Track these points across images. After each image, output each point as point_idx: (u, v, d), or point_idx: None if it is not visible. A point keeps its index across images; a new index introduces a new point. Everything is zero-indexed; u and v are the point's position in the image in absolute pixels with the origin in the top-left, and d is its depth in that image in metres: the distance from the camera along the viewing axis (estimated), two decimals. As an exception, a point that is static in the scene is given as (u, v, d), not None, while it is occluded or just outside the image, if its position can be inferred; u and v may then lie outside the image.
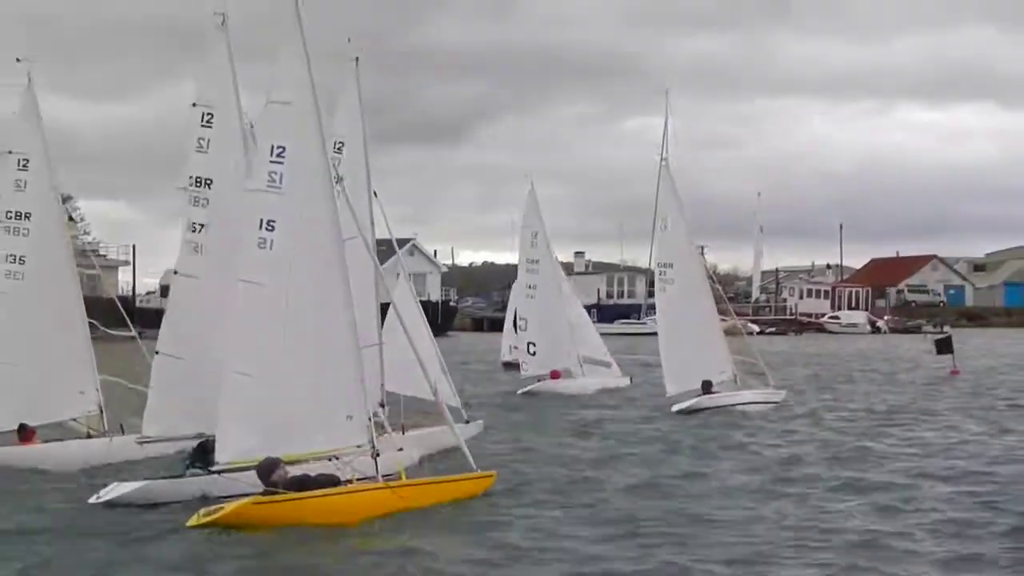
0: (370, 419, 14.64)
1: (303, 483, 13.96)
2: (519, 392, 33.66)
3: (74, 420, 19.80)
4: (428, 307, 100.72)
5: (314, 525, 13.24)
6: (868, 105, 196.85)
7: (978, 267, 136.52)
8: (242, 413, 14.30)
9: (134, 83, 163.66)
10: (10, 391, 19.43)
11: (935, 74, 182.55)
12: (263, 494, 13.64)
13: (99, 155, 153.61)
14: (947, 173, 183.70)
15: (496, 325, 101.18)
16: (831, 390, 35.77)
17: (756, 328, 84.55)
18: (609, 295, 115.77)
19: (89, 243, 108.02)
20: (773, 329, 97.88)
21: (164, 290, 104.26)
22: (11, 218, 20.22)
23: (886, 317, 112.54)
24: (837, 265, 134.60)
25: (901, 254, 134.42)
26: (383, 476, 14.44)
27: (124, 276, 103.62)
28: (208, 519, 13.34)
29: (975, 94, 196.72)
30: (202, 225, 17.81)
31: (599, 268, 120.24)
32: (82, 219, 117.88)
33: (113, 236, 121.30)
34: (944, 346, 43.32)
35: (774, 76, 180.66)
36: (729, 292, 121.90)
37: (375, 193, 20.08)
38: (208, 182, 17.78)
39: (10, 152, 20.43)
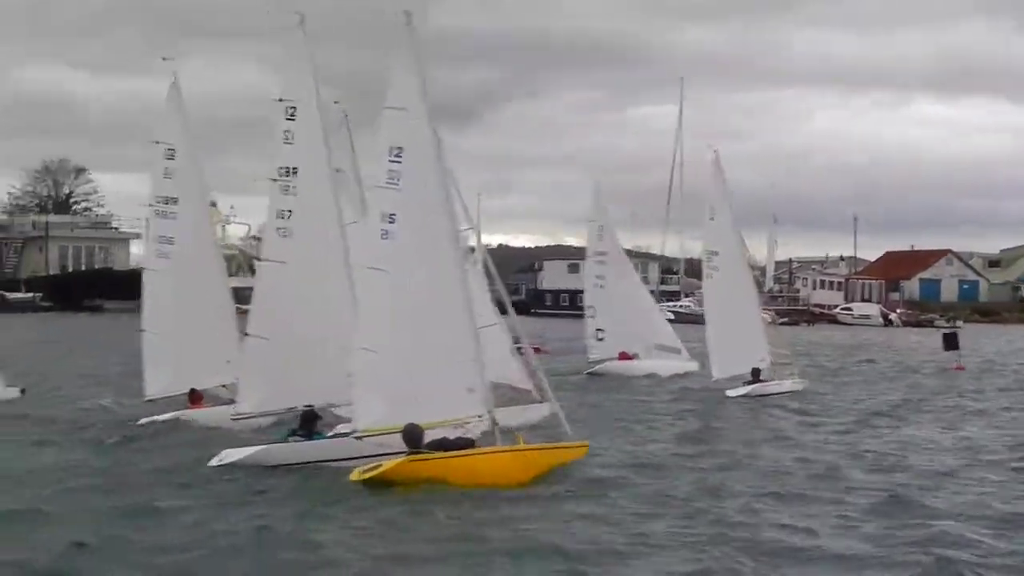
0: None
1: (443, 446, 16.06)
2: (585, 372, 36.05)
3: (223, 387, 21.78)
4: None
5: (453, 483, 15.35)
6: (881, 97, 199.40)
7: (992, 263, 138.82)
8: (372, 386, 16.49)
9: (140, 57, 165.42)
10: (164, 360, 22.17)
11: (948, 67, 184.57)
12: (408, 455, 15.73)
13: (110, 127, 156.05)
14: (961, 167, 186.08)
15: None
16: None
17: (768, 318, 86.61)
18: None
19: (101, 216, 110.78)
20: (785, 319, 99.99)
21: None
22: (161, 203, 22.80)
23: (899, 310, 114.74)
24: (851, 257, 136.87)
25: (915, 248, 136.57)
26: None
27: (137, 249, 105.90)
28: (368, 475, 15.43)
29: (988, 88, 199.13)
30: (290, 211, 19.57)
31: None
32: (96, 191, 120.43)
33: (126, 209, 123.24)
34: (950, 342, 44.12)
35: (785, 67, 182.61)
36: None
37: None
38: (294, 171, 19.60)
39: (157, 143, 23.04)
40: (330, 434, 18.08)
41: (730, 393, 30.16)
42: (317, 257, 19.27)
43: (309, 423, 18.08)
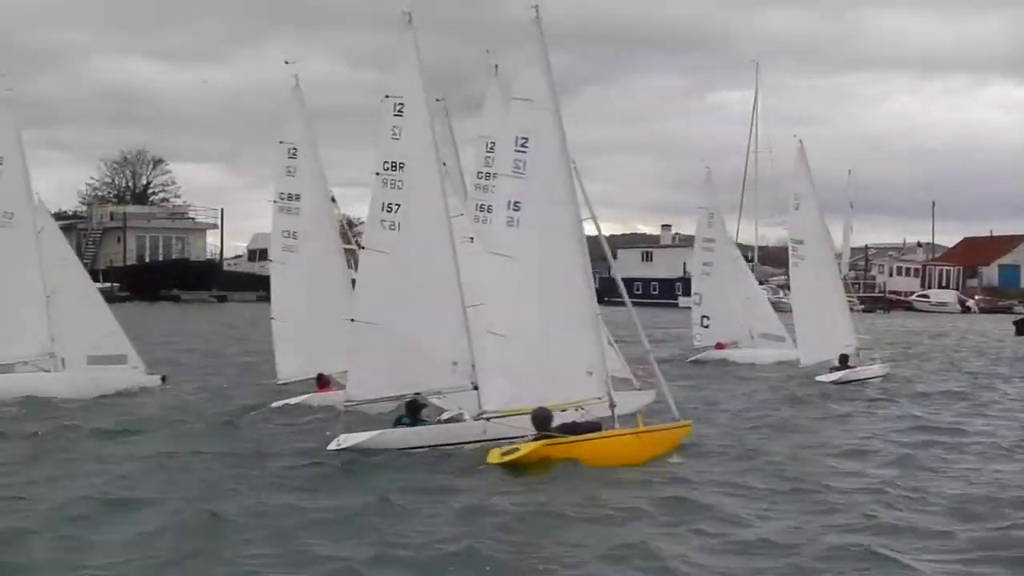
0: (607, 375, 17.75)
1: (573, 429, 16.99)
2: (689, 360, 36.99)
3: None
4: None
5: (584, 464, 16.26)
6: (958, 81, 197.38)
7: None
8: (500, 369, 17.44)
9: (221, 47, 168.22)
10: (293, 347, 23.66)
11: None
12: (537, 438, 16.66)
13: (189, 119, 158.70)
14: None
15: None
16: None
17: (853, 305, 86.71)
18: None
19: (178, 206, 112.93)
20: (862, 307, 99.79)
21: (252, 254, 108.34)
22: (284, 199, 24.26)
23: (976, 297, 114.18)
24: (928, 243, 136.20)
25: (995, 233, 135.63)
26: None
27: (212, 239, 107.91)
28: (508, 458, 16.34)
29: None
30: (398, 205, 19.83)
31: (686, 241, 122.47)
32: (173, 182, 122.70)
33: (203, 199, 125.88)
34: (1023, 328, 44.19)
35: (862, 51, 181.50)
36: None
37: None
38: (401, 165, 19.93)
39: (281, 142, 24.53)
40: (444, 417, 18.93)
41: (820, 378, 30.90)
42: (423, 249, 19.70)
43: (415, 411, 18.90)
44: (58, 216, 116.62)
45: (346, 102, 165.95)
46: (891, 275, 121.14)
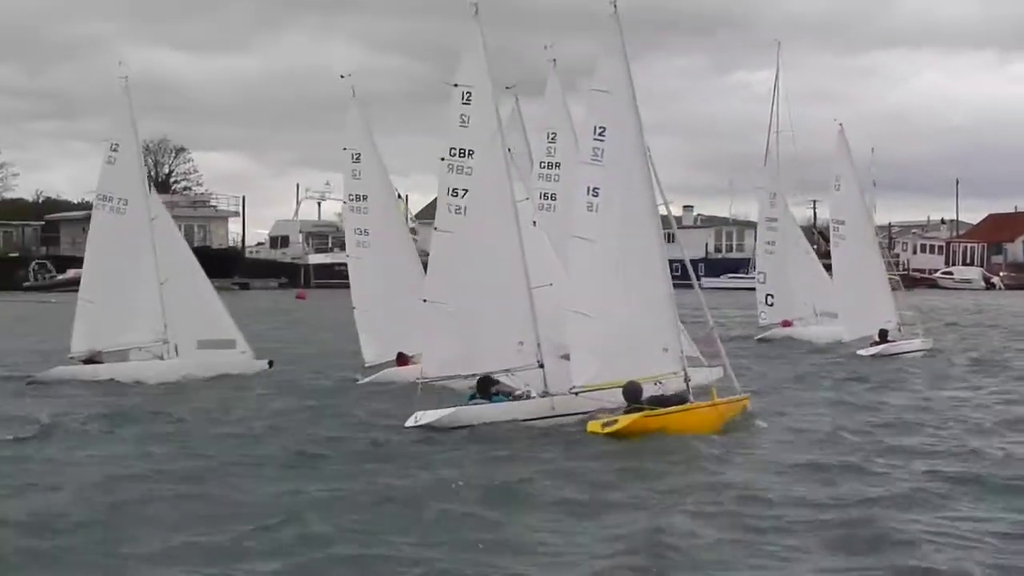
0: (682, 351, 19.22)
1: (662, 402, 18.52)
2: (756, 338, 38.60)
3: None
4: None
5: (673, 434, 17.84)
6: (983, 57, 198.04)
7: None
8: (586, 346, 18.90)
9: (240, 36, 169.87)
10: (374, 331, 26.28)
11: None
12: (631, 410, 18.21)
13: (211, 107, 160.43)
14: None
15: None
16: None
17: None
18: (717, 249, 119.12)
19: (200, 195, 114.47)
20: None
21: (273, 241, 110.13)
22: (353, 200, 27.02)
23: (1001, 273, 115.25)
24: (952, 220, 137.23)
25: (1020, 209, 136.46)
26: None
27: (234, 227, 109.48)
28: (610, 429, 17.89)
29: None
30: (465, 190, 20.91)
31: (708, 222, 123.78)
32: (195, 170, 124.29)
33: (225, 187, 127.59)
34: None
35: (884, 28, 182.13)
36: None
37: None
38: (470, 152, 20.99)
39: (344, 149, 27.07)
40: (518, 392, 20.20)
41: (861, 352, 32.54)
42: (489, 233, 20.71)
43: (486, 388, 20.07)
44: (80, 206, 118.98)
45: (369, 88, 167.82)
46: (915, 252, 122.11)
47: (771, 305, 40.12)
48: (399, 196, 27.66)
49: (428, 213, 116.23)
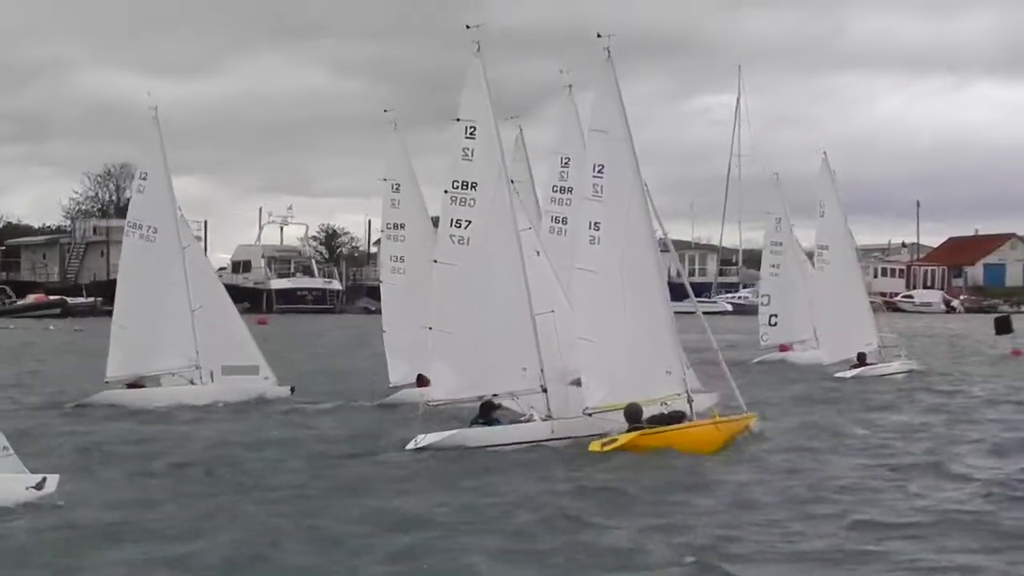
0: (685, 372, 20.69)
1: (661, 421, 19.96)
2: (755, 361, 39.82)
3: None
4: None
5: (672, 449, 19.33)
6: (943, 81, 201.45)
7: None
8: (594, 370, 20.38)
9: (206, 59, 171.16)
10: (400, 354, 27.60)
11: (1010, 49, 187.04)
12: (630, 430, 19.68)
13: (177, 131, 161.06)
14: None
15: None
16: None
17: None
18: (679, 273, 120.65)
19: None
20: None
21: (235, 266, 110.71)
22: (390, 228, 28.72)
23: (962, 297, 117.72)
24: (913, 243, 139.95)
25: (980, 232, 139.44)
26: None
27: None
28: (609, 447, 19.39)
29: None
30: (468, 221, 21.95)
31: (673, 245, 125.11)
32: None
33: (189, 212, 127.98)
34: (1003, 326, 46.01)
35: (846, 52, 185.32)
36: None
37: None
38: (473, 185, 22.01)
39: (384, 179, 28.65)
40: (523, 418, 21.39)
41: (838, 375, 34.20)
42: (492, 262, 21.78)
43: (488, 412, 21.35)
44: (41, 231, 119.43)
45: (334, 111, 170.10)
46: (876, 276, 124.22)
47: (775, 325, 41.60)
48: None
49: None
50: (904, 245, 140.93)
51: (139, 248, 28.34)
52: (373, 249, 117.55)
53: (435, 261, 22.67)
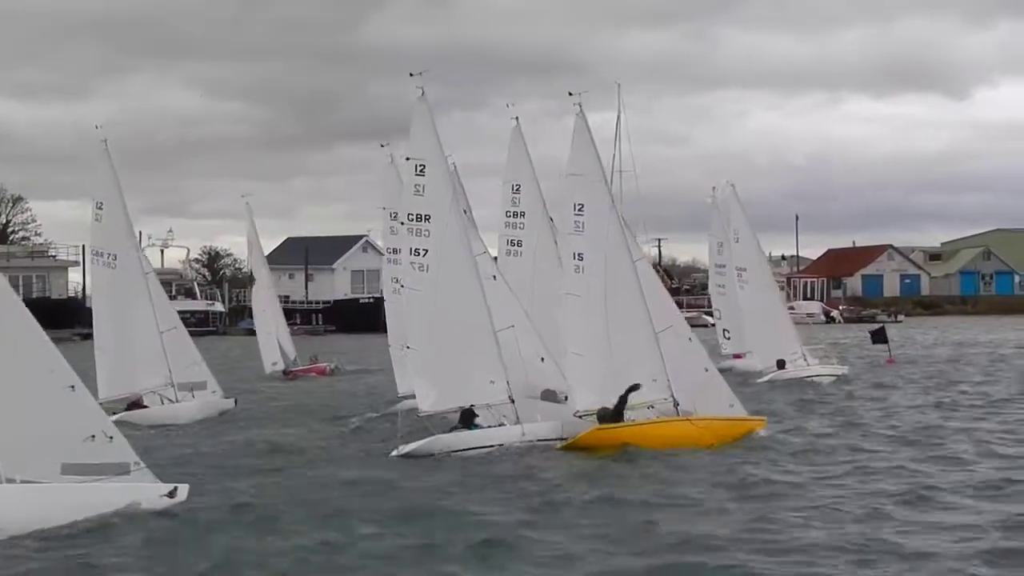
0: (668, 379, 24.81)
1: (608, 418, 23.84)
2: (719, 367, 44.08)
3: None
4: (381, 303, 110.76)
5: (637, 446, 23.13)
6: (817, 97, 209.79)
7: (934, 256, 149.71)
8: (583, 380, 24.37)
9: (78, 82, 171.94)
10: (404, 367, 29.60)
11: (881, 66, 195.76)
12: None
13: (50, 155, 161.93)
14: (899, 164, 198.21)
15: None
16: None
17: (711, 320, 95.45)
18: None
19: (39, 244, 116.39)
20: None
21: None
22: (391, 252, 31.01)
23: (841, 307, 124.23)
24: (793, 256, 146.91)
25: (857, 244, 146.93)
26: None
27: (75, 276, 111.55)
28: (568, 443, 23.58)
29: (921, 85, 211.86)
30: (426, 250, 24.92)
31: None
32: (33, 220, 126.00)
33: (66, 236, 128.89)
34: (878, 336, 50.46)
35: (722, 70, 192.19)
36: (687, 283, 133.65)
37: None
38: (427, 217, 24.93)
39: (383, 208, 31.40)
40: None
41: (761, 380, 39.23)
42: (452, 286, 24.84)
43: (467, 420, 24.59)
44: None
45: (210, 133, 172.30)
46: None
47: (728, 338, 45.95)
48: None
49: (274, 259, 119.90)
50: (784, 258, 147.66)
51: (103, 274, 30.95)
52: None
53: (402, 286, 26.08)
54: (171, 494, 17.67)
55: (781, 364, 40.20)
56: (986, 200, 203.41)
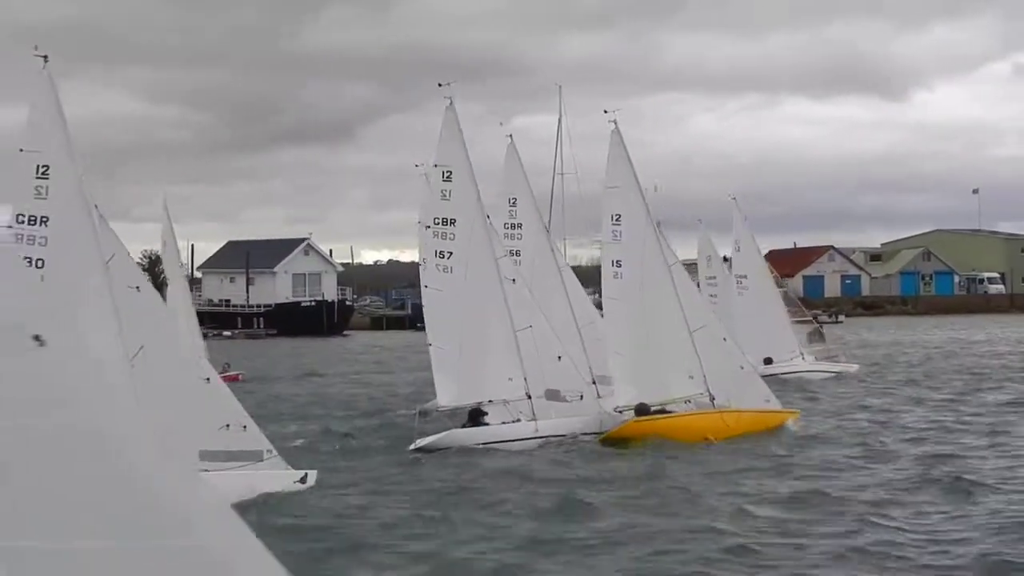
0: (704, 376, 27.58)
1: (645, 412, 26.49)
2: None
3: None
4: (323, 306, 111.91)
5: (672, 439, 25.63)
6: (755, 99, 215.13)
7: (874, 257, 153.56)
8: (624, 377, 27.09)
9: (15, 87, 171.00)
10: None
11: (819, 68, 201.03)
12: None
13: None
14: (838, 166, 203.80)
15: (394, 323, 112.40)
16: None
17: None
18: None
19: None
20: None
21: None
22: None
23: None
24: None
25: (798, 245, 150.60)
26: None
27: None
28: (607, 435, 25.99)
29: (859, 88, 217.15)
30: (450, 252, 27.15)
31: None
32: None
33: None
34: (814, 337, 52.03)
35: (661, 72, 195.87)
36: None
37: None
38: (452, 221, 27.15)
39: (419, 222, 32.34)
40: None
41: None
42: (474, 287, 26.80)
43: (476, 417, 26.42)
44: None
45: (150, 138, 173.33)
46: (699, 288, 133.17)
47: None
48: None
49: (215, 262, 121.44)
50: (725, 259, 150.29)
51: None
52: (197, 274, 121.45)
53: (425, 287, 27.79)
54: (303, 480, 19.64)
55: (768, 362, 43.38)
56: (926, 201, 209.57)
